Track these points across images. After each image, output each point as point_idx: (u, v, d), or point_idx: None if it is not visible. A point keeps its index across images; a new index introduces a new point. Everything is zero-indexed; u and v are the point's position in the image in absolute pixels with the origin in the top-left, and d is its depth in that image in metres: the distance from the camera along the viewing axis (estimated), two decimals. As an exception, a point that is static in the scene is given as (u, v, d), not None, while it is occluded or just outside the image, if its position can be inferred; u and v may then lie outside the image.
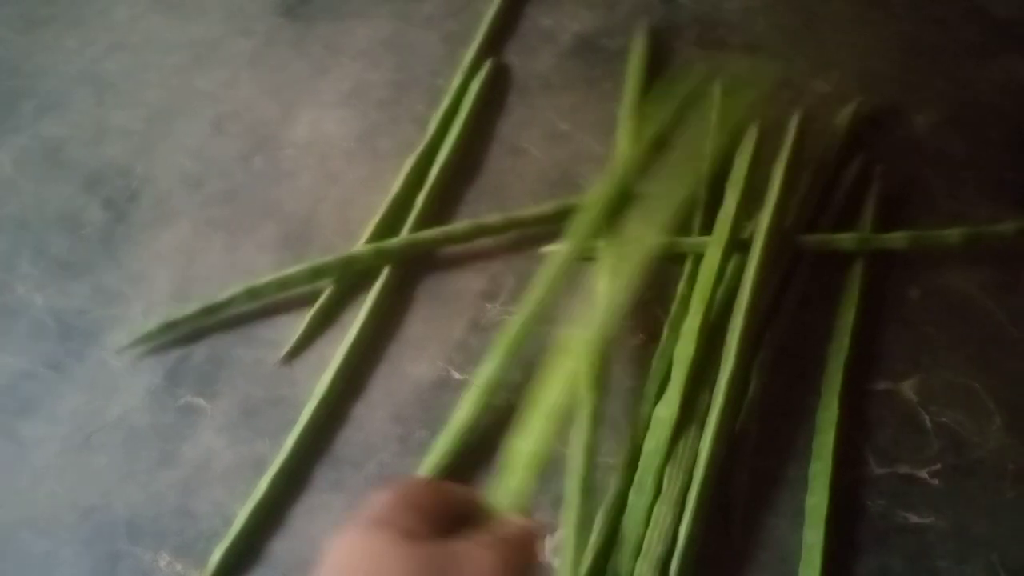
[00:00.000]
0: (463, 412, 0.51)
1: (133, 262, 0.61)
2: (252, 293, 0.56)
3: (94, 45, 0.75)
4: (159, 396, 0.54)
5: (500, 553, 0.28)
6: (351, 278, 0.58)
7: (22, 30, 0.76)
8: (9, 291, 0.60)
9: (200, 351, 0.56)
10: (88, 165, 0.67)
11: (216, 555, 0.47)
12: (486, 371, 0.51)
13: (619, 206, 0.55)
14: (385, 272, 0.57)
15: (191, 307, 0.56)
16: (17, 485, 0.52)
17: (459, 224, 0.59)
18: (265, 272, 0.58)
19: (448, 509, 0.30)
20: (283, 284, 0.57)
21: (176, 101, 0.70)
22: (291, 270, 0.57)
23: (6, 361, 0.56)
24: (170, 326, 0.56)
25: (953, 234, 0.55)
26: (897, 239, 0.56)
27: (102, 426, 0.54)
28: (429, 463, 0.49)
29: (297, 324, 0.56)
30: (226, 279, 0.59)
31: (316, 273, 0.57)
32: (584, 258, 0.54)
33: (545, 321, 0.51)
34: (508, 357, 0.51)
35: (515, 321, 0.52)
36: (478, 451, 0.50)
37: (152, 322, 0.56)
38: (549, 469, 0.50)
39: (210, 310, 0.56)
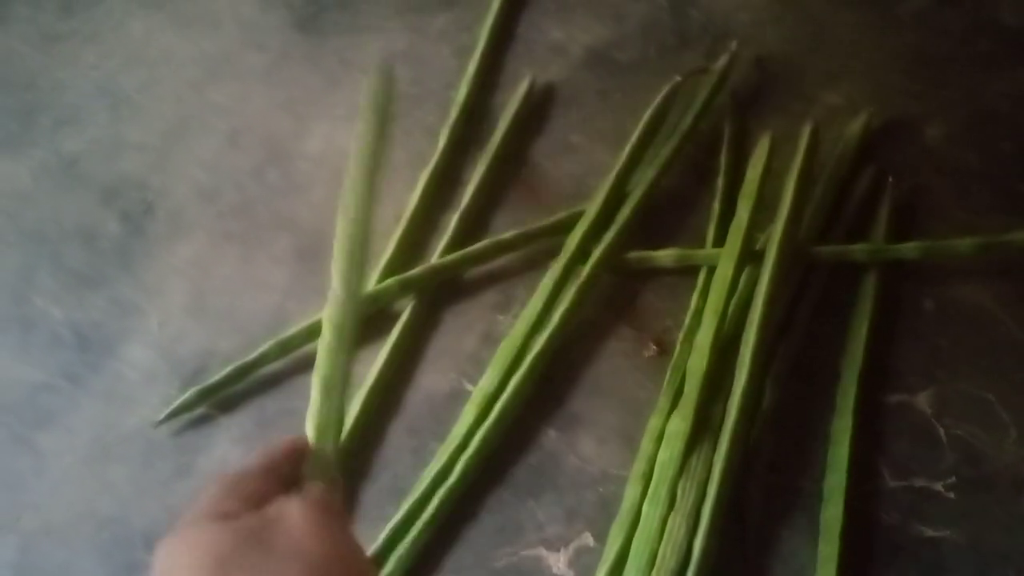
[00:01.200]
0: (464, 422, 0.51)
1: (149, 274, 0.61)
2: (284, 346, 0.55)
3: (110, 60, 0.75)
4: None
5: (308, 506, 0.29)
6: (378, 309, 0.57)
7: (40, 46, 0.77)
8: (27, 303, 0.60)
9: (216, 364, 0.56)
10: (104, 179, 0.67)
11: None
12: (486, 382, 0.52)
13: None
14: (410, 306, 0.57)
15: (224, 370, 0.54)
16: (36, 496, 0.52)
17: (479, 245, 0.58)
18: (279, 285, 0.59)
19: (265, 482, 0.31)
20: (313, 332, 0.55)
21: (191, 115, 0.71)
22: (319, 316, 0.55)
23: (25, 373, 0.57)
24: (206, 392, 0.54)
25: (965, 244, 0.55)
26: (909, 249, 0.56)
27: (119, 437, 0.54)
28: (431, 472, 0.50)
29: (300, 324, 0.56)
30: (241, 291, 0.60)
31: None
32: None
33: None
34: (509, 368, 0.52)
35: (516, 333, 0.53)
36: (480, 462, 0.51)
37: (187, 393, 0.54)
38: (562, 481, 0.50)
39: (243, 369, 0.54)
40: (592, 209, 0.58)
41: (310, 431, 0.36)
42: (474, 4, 0.76)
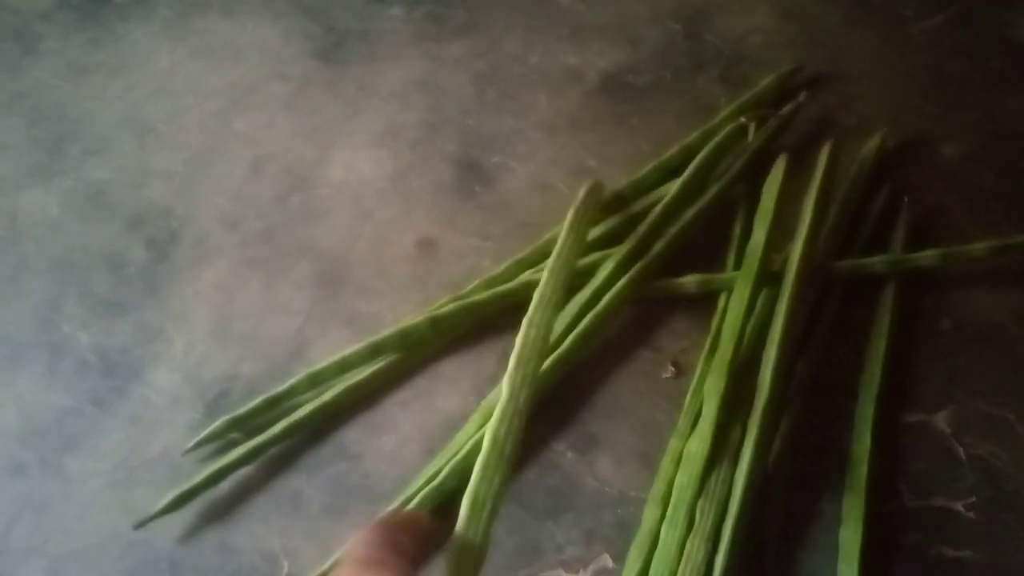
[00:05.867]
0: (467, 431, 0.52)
1: (174, 300, 0.63)
2: (314, 379, 0.55)
3: (136, 91, 0.77)
4: (199, 431, 0.55)
5: None
6: (408, 348, 0.57)
7: (68, 77, 0.80)
8: (56, 329, 0.62)
9: (239, 388, 0.57)
10: (131, 207, 0.69)
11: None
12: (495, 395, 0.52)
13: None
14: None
15: (254, 401, 0.54)
16: (63, 519, 0.53)
17: (510, 285, 0.58)
18: (300, 310, 0.60)
19: (419, 548, 0.32)
20: (342, 366, 0.55)
21: (215, 144, 0.72)
22: (349, 350, 0.55)
23: (53, 398, 0.58)
24: (234, 423, 0.54)
25: (981, 248, 0.56)
26: (927, 257, 0.56)
27: (144, 461, 0.55)
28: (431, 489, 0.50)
29: (330, 358, 0.57)
30: (263, 316, 0.61)
31: (375, 350, 0.56)
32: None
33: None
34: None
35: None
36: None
37: (216, 422, 0.54)
38: (581, 503, 0.50)
39: (273, 402, 0.54)
40: (623, 249, 0.58)
41: (449, 555, 0.34)
42: (489, 31, 0.78)
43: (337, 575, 0.29)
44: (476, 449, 0.50)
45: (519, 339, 0.45)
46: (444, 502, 0.50)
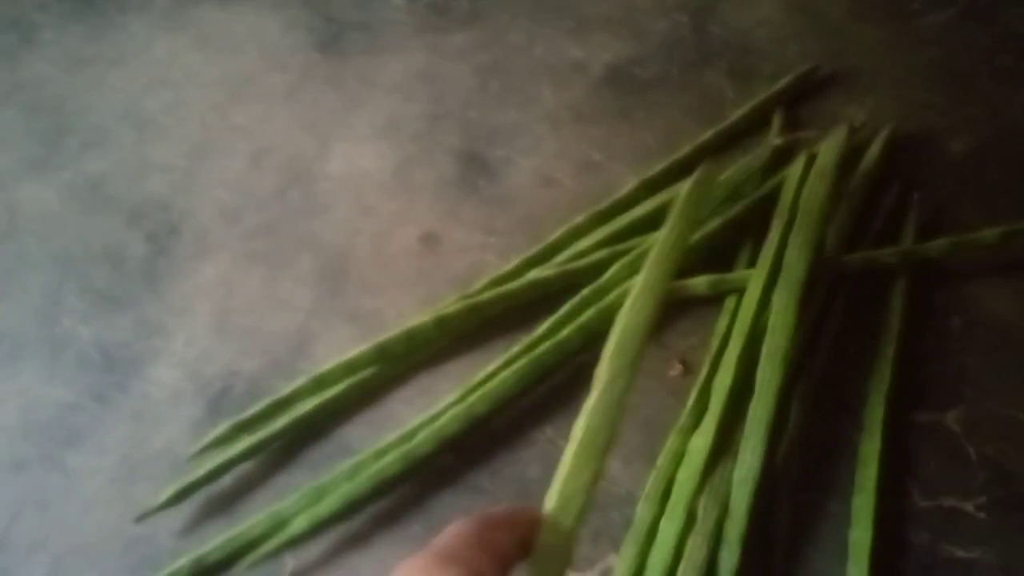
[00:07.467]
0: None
1: (175, 295, 0.62)
2: (320, 382, 0.54)
3: (135, 83, 0.77)
4: (201, 427, 0.55)
5: None
6: (414, 349, 0.56)
7: (66, 68, 0.79)
8: (56, 324, 0.61)
9: (240, 383, 0.57)
10: (130, 200, 0.68)
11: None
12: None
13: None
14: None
15: (259, 405, 0.53)
16: (66, 515, 0.53)
17: (516, 284, 0.58)
18: (302, 305, 0.59)
19: (520, 547, 0.29)
20: (348, 368, 0.55)
21: (214, 136, 0.71)
22: (355, 352, 0.55)
23: (54, 393, 0.58)
24: (240, 427, 0.53)
25: (990, 235, 0.56)
26: (937, 247, 0.56)
27: (146, 457, 0.55)
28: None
29: (334, 356, 0.56)
30: (265, 311, 0.60)
31: (381, 352, 0.55)
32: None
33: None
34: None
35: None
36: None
37: (221, 427, 0.53)
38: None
39: (278, 405, 0.53)
40: (636, 250, 0.57)
41: (534, 555, 0.31)
42: (493, 23, 0.77)
43: (412, 562, 0.26)
44: (454, 419, 0.51)
45: (615, 328, 0.41)
46: (415, 466, 0.50)
